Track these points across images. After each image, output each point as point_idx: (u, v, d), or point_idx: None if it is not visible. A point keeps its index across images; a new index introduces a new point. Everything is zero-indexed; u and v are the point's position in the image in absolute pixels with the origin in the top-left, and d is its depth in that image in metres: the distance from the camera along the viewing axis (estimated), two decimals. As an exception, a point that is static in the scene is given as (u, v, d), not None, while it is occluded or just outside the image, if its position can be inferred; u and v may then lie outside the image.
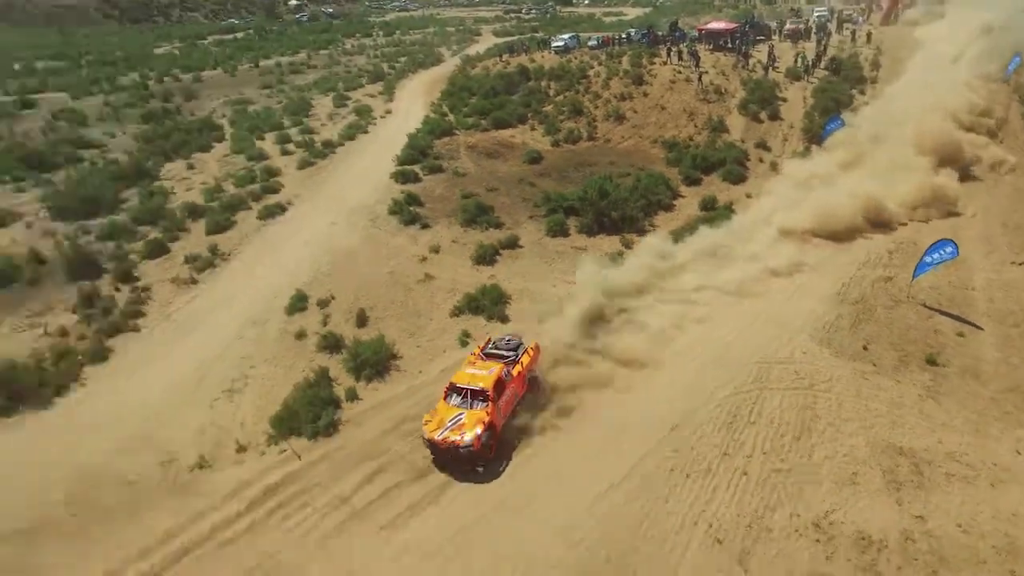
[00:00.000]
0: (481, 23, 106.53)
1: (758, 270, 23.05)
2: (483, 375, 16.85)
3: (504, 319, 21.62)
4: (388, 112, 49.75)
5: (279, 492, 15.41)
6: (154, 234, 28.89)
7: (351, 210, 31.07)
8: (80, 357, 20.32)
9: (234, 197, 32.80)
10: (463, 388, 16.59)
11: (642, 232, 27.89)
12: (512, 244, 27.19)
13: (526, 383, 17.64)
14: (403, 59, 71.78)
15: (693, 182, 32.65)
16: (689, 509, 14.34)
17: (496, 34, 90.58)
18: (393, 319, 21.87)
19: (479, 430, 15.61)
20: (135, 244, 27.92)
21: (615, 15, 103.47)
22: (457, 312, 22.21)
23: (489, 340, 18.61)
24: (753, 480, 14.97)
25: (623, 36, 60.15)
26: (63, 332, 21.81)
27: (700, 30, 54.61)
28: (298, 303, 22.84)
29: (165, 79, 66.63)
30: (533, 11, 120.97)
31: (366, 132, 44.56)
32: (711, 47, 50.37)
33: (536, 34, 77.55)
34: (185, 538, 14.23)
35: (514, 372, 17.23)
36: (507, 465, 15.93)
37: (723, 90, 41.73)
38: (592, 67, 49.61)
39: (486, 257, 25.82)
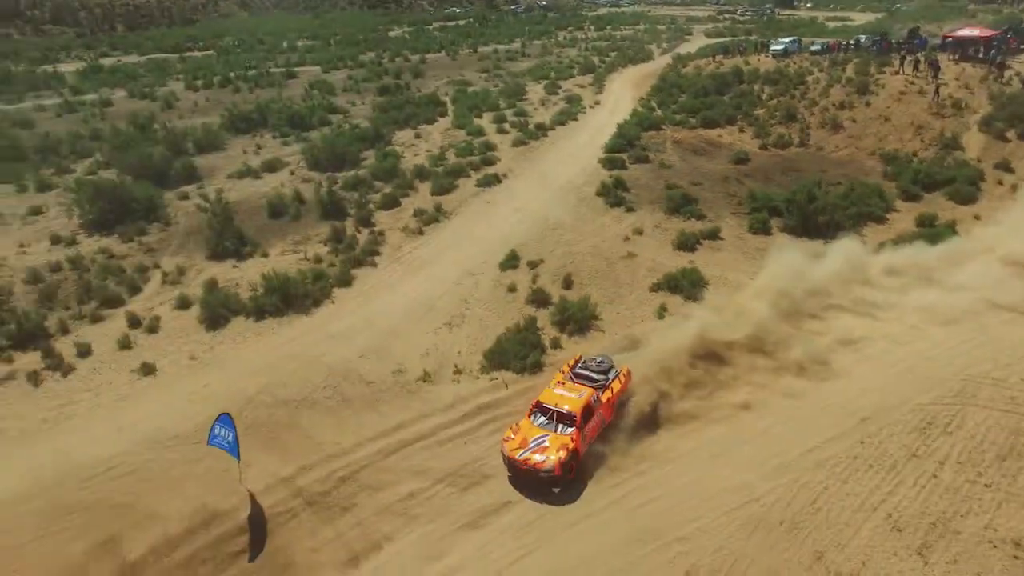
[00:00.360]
0: (693, 23, 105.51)
1: (974, 298, 21.76)
2: (572, 398, 16.22)
3: (698, 300, 22.61)
4: (597, 103, 51.78)
5: (488, 411, 17.90)
6: (388, 189, 33.17)
7: (560, 188, 33.45)
8: (331, 280, 24.36)
9: (455, 165, 36.53)
10: (550, 409, 16.04)
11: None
12: (713, 235, 28.02)
13: (614, 410, 16.95)
14: (613, 54, 73.63)
15: (912, 198, 31.21)
16: (869, 495, 14.78)
17: (708, 35, 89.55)
18: (596, 287, 23.77)
19: (562, 455, 15.05)
20: (373, 196, 32.27)
21: (840, 20, 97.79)
22: (656, 288, 23.64)
23: (580, 358, 18.10)
24: (943, 485, 15.02)
25: (851, 42, 57.44)
26: (318, 259, 26.20)
27: (946, 37, 50.77)
28: (510, 261, 25.49)
29: (396, 59, 73.97)
30: (749, 13, 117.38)
31: (575, 119, 46.88)
32: (956, 57, 46.83)
33: (751, 37, 75.86)
34: (412, 430, 17.13)
35: (603, 398, 16.62)
36: (584, 490, 15.28)
37: (963, 104, 38.93)
38: (812, 73, 48.23)
39: (687, 244, 26.91)
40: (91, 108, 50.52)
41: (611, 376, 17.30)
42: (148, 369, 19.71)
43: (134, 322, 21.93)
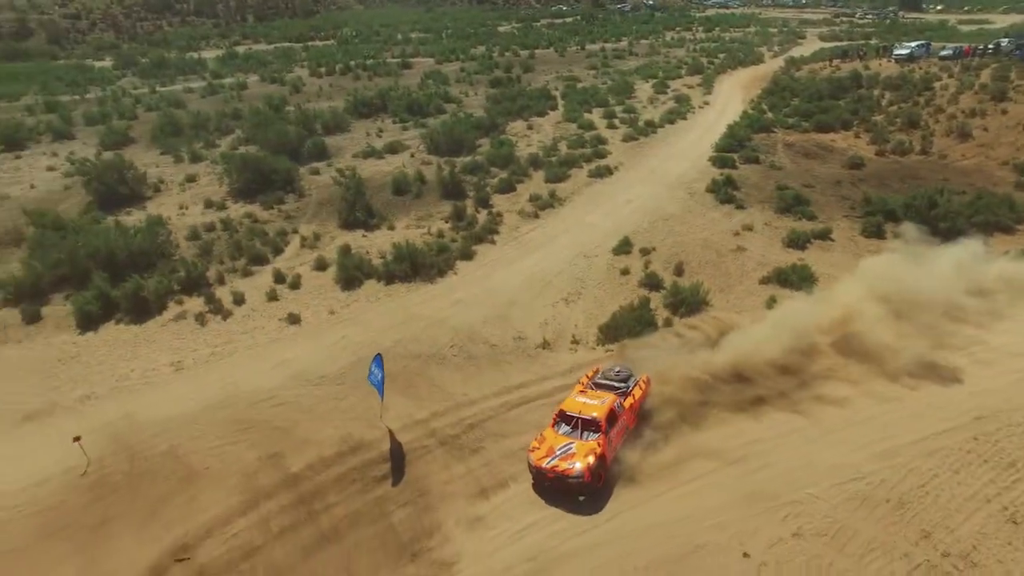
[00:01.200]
0: (806, 25, 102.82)
1: None
2: (595, 404, 16.29)
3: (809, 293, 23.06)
4: (706, 103, 51.96)
5: (602, 380, 19.12)
6: (503, 175, 34.87)
7: (670, 183, 34.27)
8: (454, 253, 26.26)
9: (568, 156, 37.92)
10: (574, 417, 16.07)
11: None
12: (824, 235, 28.20)
13: (637, 416, 17.04)
14: (722, 55, 73.09)
15: (1049, 211, 30.13)
16: (983, 488, 15.10)
17: (823, 38, 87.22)
18: (705, 276, 24.58)
19: (591, 460, 15.07)
20: (491, 180, 34.08)
21: (976, 23, 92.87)
22: (766, 281, 24.24)
23: (598, 370, 18.13)
24: (1066, 490, 15.13)
25: (988, 46, 54.90)
26: (440, 234, 28.18)
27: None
28: (623, 247, 26.66)
29: (506, 53, 76.07)
30: (869, 16, 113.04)
31: (684, 119, 47.33)
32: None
33: (871, 41, 73.51)
34: (533, 390, 18.64)
35: (626, 404, 16.68)
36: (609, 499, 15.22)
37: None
38: (939, 79, 46.72)
39: (797, 242, 27.25)
40: (230, 91, 55.09)
41: (631, 384, 17.37)
42: (294, 319, 22.11)
43: (279, 278, 24.48)
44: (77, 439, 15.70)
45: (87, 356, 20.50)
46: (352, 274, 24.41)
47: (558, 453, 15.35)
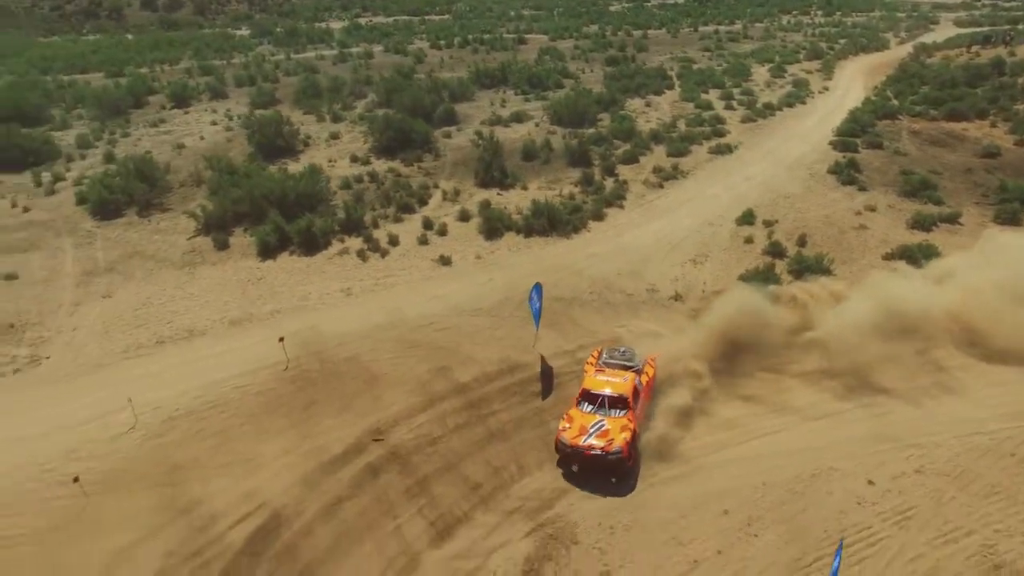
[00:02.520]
0: (940, 10, 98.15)
1: None
2: (618, 382, 16.66)
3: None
4: (825, 89, 51.62)
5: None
6: (626, 147, 36.52)
7: (789, 163, 35.05)
8: (586, 213, 28.31)
9: (687, 133, 39.13)
10: (599, 395, 16.40)
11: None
12: (951, 220, 28.56)
13: (652, 394, 17.49)
14: (843, 41, 71.43)
15: None
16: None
17: (959, 23, 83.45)
18: (828, 249, 25.65)
19: (627, 435, 15.48)
20: (614, 151, 35.81)
21: None
22: (889, 257, 25.11)
23: (601, 352, 18.51)
24: None
25: None
26: (571, 196, 30.24)
27: None
28: (747, 218, 27.97)
29: (618, 32, 76.93)
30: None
31: (803, 103, 47.37)
32: None
33: (1019, 26, 69.97)
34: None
35: (643, 381, 17.23)
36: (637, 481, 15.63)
37: None
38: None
39: (923, 224, 27.79)
40: (357, 59, 58.80)
41: (637, 363, 17.77)
42: (445, 260, 24.77)
43: (427, 225, 27.21)
44: (281, 339, 18.72)
45: (270, 279, 23.82)
46: (494, 225, 26.85)
47: (592, 431, 15.63)
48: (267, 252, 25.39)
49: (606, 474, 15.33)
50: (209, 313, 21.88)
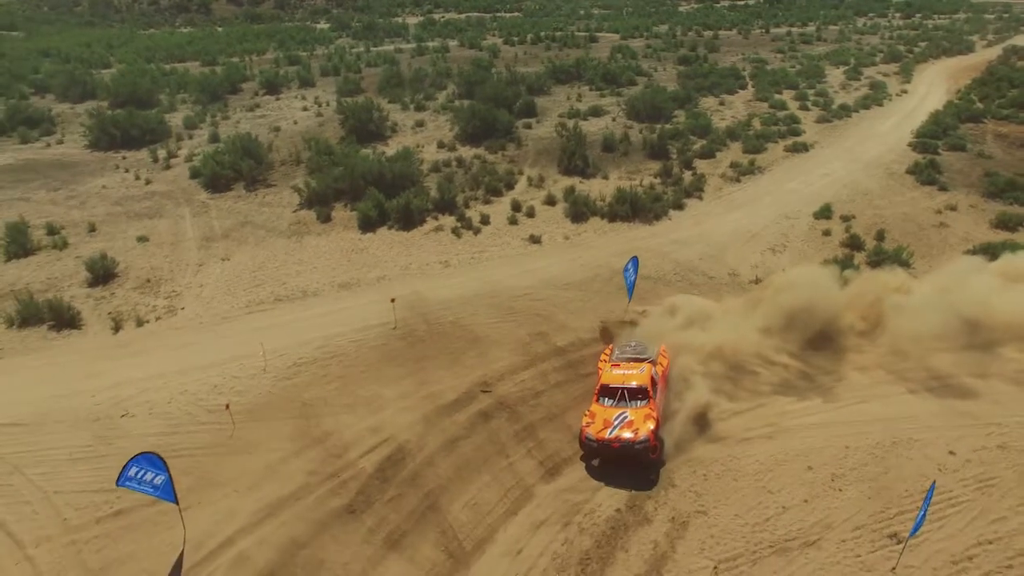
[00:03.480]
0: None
1: None
2: (636, 374, 16.89)
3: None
4: (904, 92, 51.43)
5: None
6: (702, 143, 37.54)
7: (867, 162, 35.54)
8: (667, 202, 29.57)
9: (762, 131, 39.88)
10: (618, 388, 16.60)
11: None
12: (1037, 221, 28.77)
13: (667, 384, 17.64)
14: (923, 44, 70.53)
15: None
16: None
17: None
18: (907, 244, 26.29)
19: (651, 425, 15.69)
20: (691, 146, 36.88)
21: None
22: (971, 253, 25.60)
23: (612, 350, 18.65)
24: None
25: None
26: (651, 187, 31.50)
27: None
28: (824, 212, 28.79)
29: (688, 33, 77.50)
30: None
31: (880, 105, 47.45)
32: None
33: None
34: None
35: (658, 372, 17.41)
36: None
37: None
38: None
39: (1007, 223, 28.15)
40: (434, 52, 61.01)
41: (650, 355, 17.98)
42: (535, 239, 26.40)
43: (515, 207, 28.90)
44: (393, 300, 20.61)
45: (373, 250, 25.85)
46: (580, 209, 28.37)
47: (616, 424, 15.74)
48: (367, 226, 27.45)
49: (632, 464, 15.46)
50: (319, 276, 23.98)
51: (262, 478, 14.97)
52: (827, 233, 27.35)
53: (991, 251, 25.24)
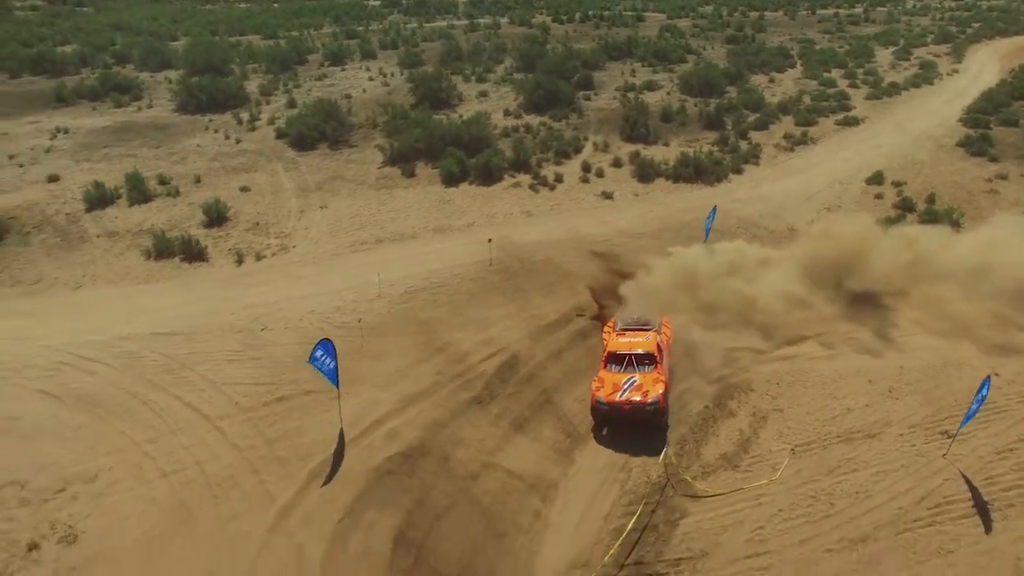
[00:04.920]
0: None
1: None
2: (642, 341, 17.94)
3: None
4: (955, 71, 52.98)
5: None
6: (755, 116, 39.79)
7: (916, 136, 37.56)
8: (726, 166, 32.03)
9: (813, 106, 41.99)
10: (625, 355, 17.57)
11: None
12: (1088, 190, 30.69)
13: (670, 354, 18.76)
14: (976, 24, 71.40)
15: None
16: None
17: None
18: (957, 206, 28.49)
19: (660, 388, 16.69)
20: (745, 119, 39.16)
21: None
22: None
23: (614, 322, 19.83)
24: None
25: None
26: (710, 153, 33.92)
27: None
28: (876, 179, 31.03)
29: (735, 13, 79.05)
30: None
31: (931, 84, 49.15)
32: None
33: None
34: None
35: (663, 340, 18.56)
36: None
37: None
38: None
39: (1056, 191, 30.13)
40: (486, 29, 63.58)
41: (654, 325, 19.13)
42: (607, 195, 29.10)
43: (586, 168, 31.53)
44: (489, 240, 23.41)
45: (458, 201, 28.71)
46: (646, 171, 30.98)
47: (625, 387, 16.76)
48: (450, 181, 30.31)
49: (643, 427, 16.57)
50: (413, 222, 26.92)
51: (396, 378, 17.90)
52: (879, 197, 29.64)
53: (1038, 213, 27.40)
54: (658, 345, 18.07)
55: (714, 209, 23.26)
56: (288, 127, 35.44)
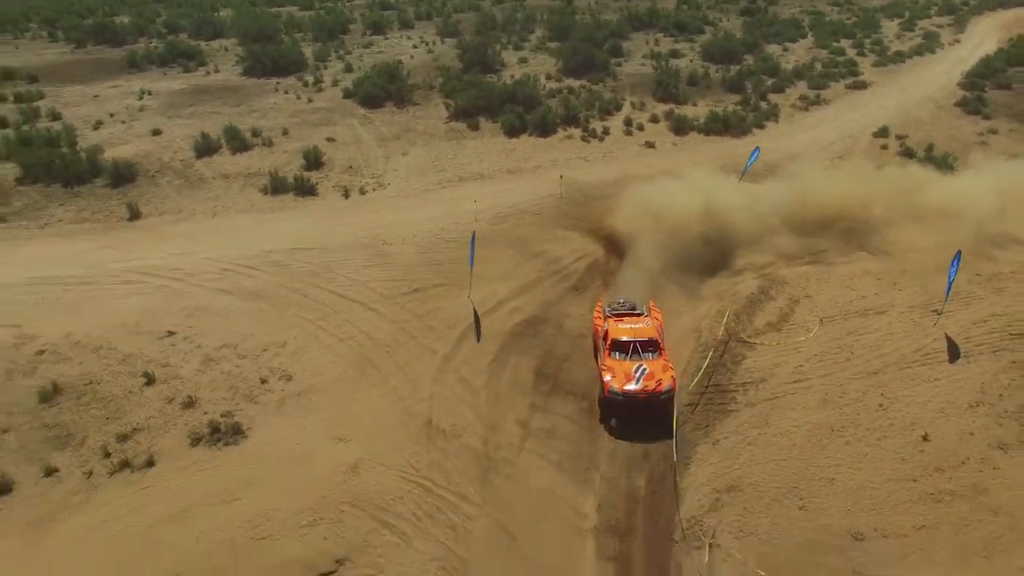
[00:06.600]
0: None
1: None
2: (643, 327, 18.68)
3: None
4: (957, 41, 58.28)
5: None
6: (772, 81, 45.09)
7: (919, 99, 42.94)
8: (750, 122, 37.36)
9: (824, 72, 47.32)
10: (629, 342, 18.27)
11: None
12: (1066, 142, 36.13)
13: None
14: (981, -4, 76.40)
15: None
16: None
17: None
18: (951, 152, 33.93)
19: (671, 373, 17.45)
20: (764, 83, 44.45)
21: None
22: (1012, 158, 33.13)
23: (601, 304, 21.29)
24: None
25: None
26: (734, 112, 39.23)
27: None
28: (882, 132, 36.42)
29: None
30: None
31: (933, 53, 54.42)
32: None
33: None
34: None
35: (658, 325, 19.72)
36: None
37: None
38: None
39: (1041, 143, 35.59)
40: (513, 1, 68.41)
41: (641, 309, 20.44)
42: (649, 144, 34.47)
43: (627, 123, 36.82)
44: (560, 176, 28.73)
45: (522, 149, 34.02)
46: (680, 125, 36.34)
47: (637, 376, 17.20)
48: (511, 133, 35.58)
49: (656, 414, 17.26)
50: (487, 165, 32.24)
51: (506, 275, 23.32)
52: (884, 147, 35.06)
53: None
54: (658, 330, 19.27)
55: (756, 150, 28.56)
56: (355, 88, 40.47)
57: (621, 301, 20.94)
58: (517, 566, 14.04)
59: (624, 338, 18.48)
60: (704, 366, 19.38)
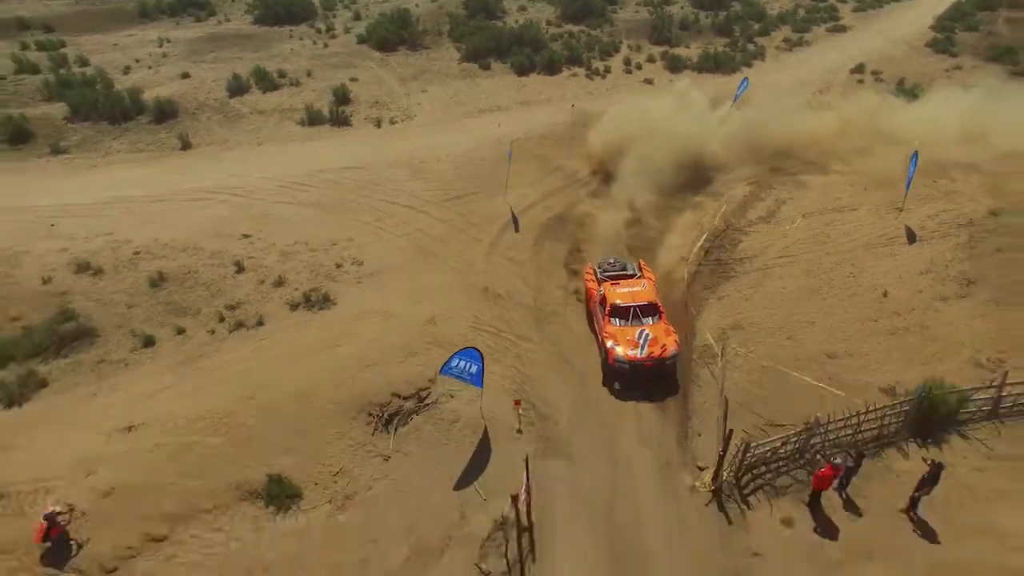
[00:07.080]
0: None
1: None
2: (641, 291, 18.59)
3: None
4: (930, -9, 62.60)
5: (850, 125, 34.14)
6: (758, 25, 49.30)
7: (894, 40, 47.38)
8: (738, 61, 41.61)
9: (807, 17, 51.58)
10: (629, 307, 18.11)
11: None
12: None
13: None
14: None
15: None
16: None
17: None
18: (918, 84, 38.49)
19: (675, 337, 17.53)
20: (751, 27, 48.64)
21: None
22: (968, 88, 37.76)
23: (591, 267, 21.51)
24: None
25: None
26: (724, 52, 43.40)
27: None
28: (858, 69, 40.84)
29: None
30: None
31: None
32: None
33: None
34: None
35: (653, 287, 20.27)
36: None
37: None
38: None
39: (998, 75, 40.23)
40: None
41: (633, 270, 20.59)
42: (648, 81, 38.61)
43: (626, 62, 40.90)
44: (573, 105, 32.86)
45: (532, 86, 38.02)
46: (675, 64, 40.50)
47: (641, 342, 17.16)
48: (521, 71, 39.54)
49: (662, 378, 17.43)
50: (502, 99, 36.23)
51: (534, 183, 27.60)
52: (861, 81, 39.54)
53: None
54: (655, 292, 19.57)
55: (745, 80, 32.82)
56: (368, 34, 44.02)
57: (611, 261, 20.95)
58: (570, 375, 18.58)
59: (623, 303, 18.33)
60: (703, 239, 24.03)
